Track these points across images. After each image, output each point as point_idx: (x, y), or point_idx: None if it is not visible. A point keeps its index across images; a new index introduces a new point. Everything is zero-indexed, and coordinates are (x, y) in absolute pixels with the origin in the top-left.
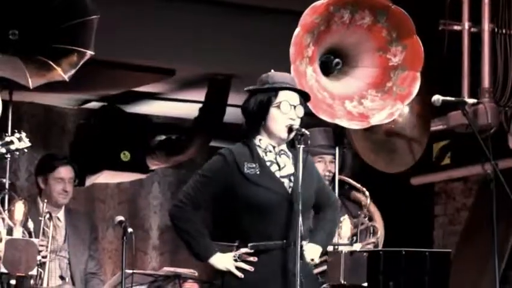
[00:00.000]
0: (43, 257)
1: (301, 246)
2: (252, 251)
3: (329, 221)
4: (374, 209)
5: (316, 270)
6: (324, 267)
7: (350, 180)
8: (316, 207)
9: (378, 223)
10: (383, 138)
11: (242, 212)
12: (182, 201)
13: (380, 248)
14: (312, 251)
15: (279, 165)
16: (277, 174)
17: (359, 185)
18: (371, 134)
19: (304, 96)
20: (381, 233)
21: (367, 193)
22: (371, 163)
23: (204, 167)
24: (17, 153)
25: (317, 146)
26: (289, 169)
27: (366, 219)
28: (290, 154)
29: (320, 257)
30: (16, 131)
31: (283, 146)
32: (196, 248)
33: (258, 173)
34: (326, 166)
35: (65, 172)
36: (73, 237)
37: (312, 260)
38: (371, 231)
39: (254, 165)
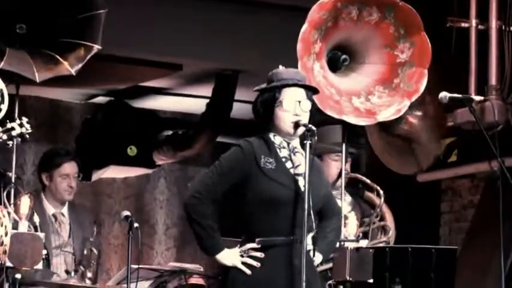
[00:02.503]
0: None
1: (314, 243)
2: (259, 246)
3: (333, 230)
4: (386, 210)
5: (321, 268)
6: (330, 265)
7: (364, 179)
8: (320, 214)
9: (390, 224)
10: (398, 140)
11: (253, 205)
12: (201, 192)
13: None
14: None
15: (293, 163)
16: (292, 171)
17: (375, 185)
18: (386, 135)
19: (312, 90)
20: (392, 233)
21: (381, 192)
22: (385, 163)
23: (222, 158)
24: (19, 139)
25: (334, 144)
26: (303, 168)
27: (378, 218)
28: (302, 152)
29: (321, 264)
30: (17, 117)
31: (296, 143)
32: (206, 242)
33: (273, 168)
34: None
35: (70, 168)
36: (76, 232)
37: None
38: (383, 231)
39: (271, 160)
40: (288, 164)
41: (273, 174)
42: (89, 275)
